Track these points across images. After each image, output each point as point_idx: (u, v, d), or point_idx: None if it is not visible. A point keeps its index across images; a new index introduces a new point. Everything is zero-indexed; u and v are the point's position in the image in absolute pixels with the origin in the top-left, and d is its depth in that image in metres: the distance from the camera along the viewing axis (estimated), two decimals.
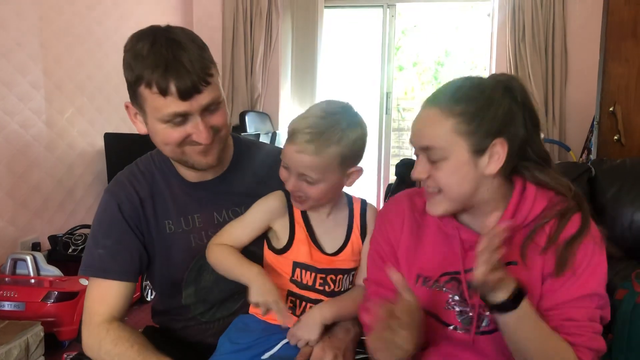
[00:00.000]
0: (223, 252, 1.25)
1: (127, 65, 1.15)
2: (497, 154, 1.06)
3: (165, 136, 1.19)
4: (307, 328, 1.19)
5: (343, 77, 4.99)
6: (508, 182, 1.13)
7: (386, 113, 4.86)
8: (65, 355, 2.43)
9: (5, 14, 2.82)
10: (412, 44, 8.06)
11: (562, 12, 4.16)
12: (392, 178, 5.26)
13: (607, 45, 2.45)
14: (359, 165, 1.22)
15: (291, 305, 1.25)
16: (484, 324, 1.12)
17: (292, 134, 1.16)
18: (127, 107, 1.25)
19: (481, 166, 1.07)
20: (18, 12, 2.90)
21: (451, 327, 1.15)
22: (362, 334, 1.30)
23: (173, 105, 1.14)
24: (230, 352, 1.23)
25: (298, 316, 1.24)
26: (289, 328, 1.21)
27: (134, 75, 1.14)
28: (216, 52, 1.15)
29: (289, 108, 4.85)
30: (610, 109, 2.43)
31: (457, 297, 1.14)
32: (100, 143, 3.55)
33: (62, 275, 2.70)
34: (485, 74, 1.28)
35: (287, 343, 1.23)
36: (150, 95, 1.14)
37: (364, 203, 1.32)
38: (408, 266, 1.21)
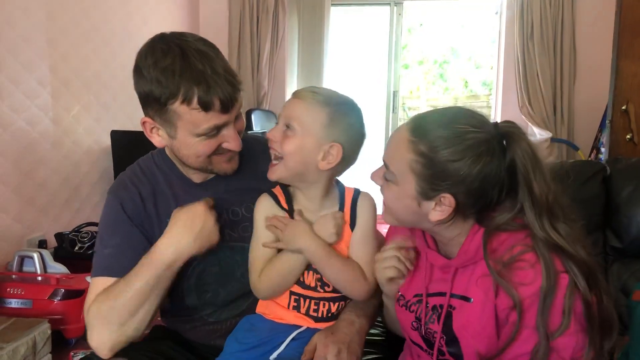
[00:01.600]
0: (265, 275, 1.22)
1: (154, 81, 1.12)
2: (443, 207, 1.02)
3: (199, 149, 1.19)
4: (289, 235, 1.19)
5: (349, 76, 4.97)
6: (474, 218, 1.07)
7: (393, 112, 4.84)
8: (72, 354, 2.42)
9: (11, 10, 2.81)
10: (418, 43, 8.03)
11: (571, 10, 4.13)
12: None
13: (620, 44, 2.43)
14: (340, 147, 1.17)
15: (295, 304, 1.24)
16: (444, 354, 1.10)
17: (295, 92, 1.21)
18: (144, 123, 1.22)
19: (425, 208, 1.04)
20: (24, 8, 2.89)
21: (419, 347, 1.16)
22: (368, 328, 1.29)
23: (214, 119, 1.14)
24: (238, 352, 1.23)
25: (304, 314, 1.24)
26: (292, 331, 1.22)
27: (165, 91, 1.11)
28: (222, 50, 1.15)
29: None
30: (623, 107, 2.41)
31: (418, 319, 1.14)
32: (107, 140, 3.54)
33: (69, 272, 2.69)
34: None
35: (293, 342, 1.21)
36: (188, 112, 1.12)
37: (356, 192, 1.28)
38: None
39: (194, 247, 1.17)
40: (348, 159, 1.20)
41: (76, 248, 2.99)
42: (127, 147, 3.40)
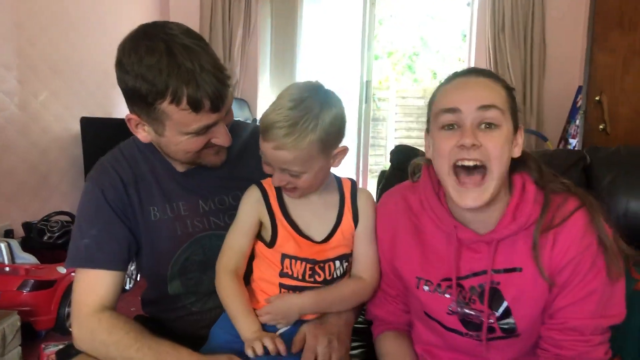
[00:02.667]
0: (227, 291, 1.21)
1: (139, 78, 1.07)
2: (520, 140, 1.07)
3: (187, 146, 1.16)
4: (282, 314, 1.18)
5: (322, 65, 4.95)
6: (506, 180, 1.09)
7: (365, 102, 4.84)
8: (42, 346, 2.36)
9: None
10: (388, 34, 8.06)
11: (542, 3, 4.19)
12: (372, 167, 5.26)
13: (594, 35, 2.48)
14: (343, 144, 1.18)
15: None
16: (495, 330, 1.11)
17: (266, 130, 1.10)
18: (129, 120, 1.18)
19: (514, 145, 1.07)
20: None
21: (455, 333, 1.15)
22: (354, 320, 1.30)
23: (204, 119, 1.10)
24: (226, 342, 1.21)
25: None
26: None
27: (153, 90, 1.06)
28: None
29: (268, 95, 4.78)
30: (597, 98, 2.46)
31: (460, 303, 1.13)
32: (76, 127, 3.44)
33: (39, 263, 2.62)
34: (460, 65, 1.29)
35: (282, 334, 1.20)
36: (177, 112, 1.08)
37: (354, 185, 1.28)
38: (407, 268, 1.20)
39: None
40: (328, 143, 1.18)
41: (45, 238, 2.92)
42: (98, 134, 3.34)
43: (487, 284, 1.08)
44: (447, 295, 1.13)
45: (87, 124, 3.42)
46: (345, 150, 1.18)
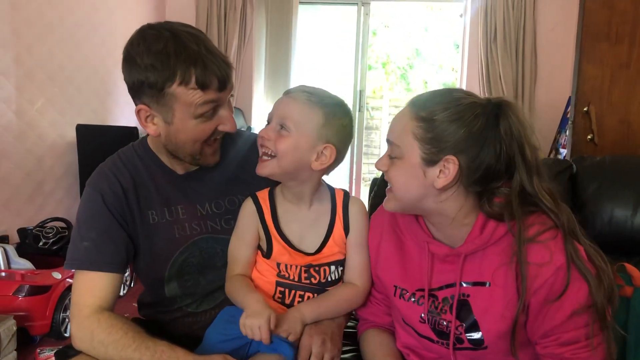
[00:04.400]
0: (233, 283, 1.26)
1: (148, 67, 1.12)
2: (447, 172, 1.05)
3: (197, 132, 1.20)
4: (287, 326, 1.19)
5: (317, 74, 4.99)
6: (475, 198, 1.11)
7: (359, 110, 4.88)
8: (38, 351, 2.37)
9: None
10: (382, 44, 8.11)
11: (533, 15, 4.24)
12: (364, 176, 5.29)
13: (582, 48, 2.52)
14: (333, 149, 1.20)
15: (280, 296, 1.26)
16: (463, 341, 1.14)
17: (287, 91, 1.22)
18: (139, 111, 1.21)
19: (430, 177, 1.06)
20: None
21: (427, 340, 1.19)
22: (345, 324, 1.34)
23: (211, 96, 1.16)
24: (220, 342, 1.23)
25: (288, 305, 1.26)
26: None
27: (162, 75, 1.12)
28: None
29: (262, 104, 4.81)
30: (585, 109, 2.50)
31: (432, 313, 1.17)
32: (72, 135, 3.46)
33: (34, 268, 2.63)
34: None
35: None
36: (185, 92, 1.14)
37: (346, 196, 1.32)
38: (387, 276, 1.25)
39: None
40: (339, 159, 1.23)
41: (40, 244, 2.93)
42: (93, 141, 3.35)
43: (456, 296, 1.12)
44: (421, 304, 1.17)
45: (83, 131, 3.43)
46: (332, 151, 1.20)
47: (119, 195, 1.28)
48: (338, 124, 1.20)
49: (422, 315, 1.18)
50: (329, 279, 1.28)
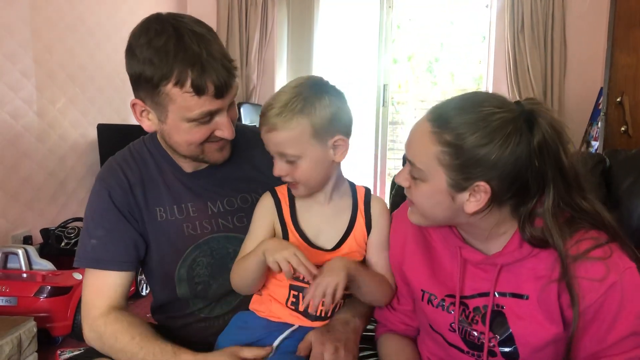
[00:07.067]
0: (236, 264, 1.21)
1: (146, 61, 1.08)
2: (478, 197, 0.97)
3: (190, 136, 1.15)
4: (332, 272, 1.09)
5: (339, 69, 4.93)
6: (511, 206, 1.01)
7: (383, 105, 4.81)
8: (59, 352, 2.37)
9: None
10: (407, 38, 8.03)
11: (562, 3, 4.12)
12: (389, 171, 5.23)
13: (615, 35, 2.41)
14: (342, 136, 1.14)
15: (294, 300, 1.21)
16: (496, 354, 1.06)
17: (262, 115, 1.13)
18: (134, 105, 1.18)
19: (459, 201, 0.98)
20: None
21: (457, 349, 1.11)
22: (363, 328, 1.27)
23: (207, 104, 1.10)
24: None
25: (301, 312, 1.20)
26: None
27: (158, 72, 1.07)
28: None
29: None
30: (618, 99, 2.39)
31: (462, 322, 1.09)
32: (93, 134, 3.47)
33: (55, 269, 2.63)
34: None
35: (286, 340, 1.19)
36: (180, 95, 1.09)
37: (368, 193, 1.27)
38: (414, 280, 1.18)
39: None
40: (349, 137, 1.16)
41: (62, 244, 2.94)
42: (114, 141, 3.31)
43: (490, 306, 1.04)
44: (451, 312, 1.10)
45: (104, 130, 3.44)
46: (345, 142, 1.14)
47: (126, 190, 1.25)
48: (324, 114, 1.10)
49: (452, 324, 1.10)
50: None
